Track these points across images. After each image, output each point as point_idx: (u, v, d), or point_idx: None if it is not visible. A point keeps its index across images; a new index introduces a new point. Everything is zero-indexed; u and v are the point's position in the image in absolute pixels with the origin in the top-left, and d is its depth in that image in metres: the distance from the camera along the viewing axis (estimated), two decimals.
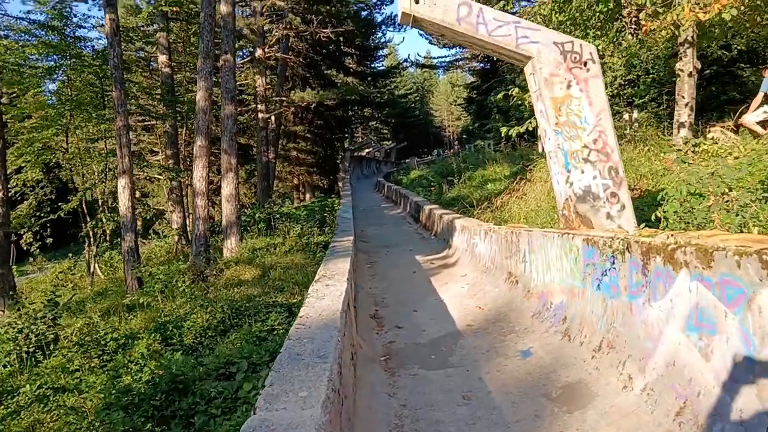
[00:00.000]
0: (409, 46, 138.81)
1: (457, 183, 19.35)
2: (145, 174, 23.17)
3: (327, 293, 4.89)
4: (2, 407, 7.18)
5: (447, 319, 6.37)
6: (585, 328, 4.55)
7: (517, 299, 6.25)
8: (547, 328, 5.17)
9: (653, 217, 5.78)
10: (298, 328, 3.93)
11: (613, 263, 4.18)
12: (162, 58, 21.66)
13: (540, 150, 20.68)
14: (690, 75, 10.03)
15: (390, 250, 11.67)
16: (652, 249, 3.61)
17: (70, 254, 26.60)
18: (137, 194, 41.77)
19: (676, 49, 20.90)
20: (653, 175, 10.40)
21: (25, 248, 19.81)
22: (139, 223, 31.18)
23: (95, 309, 13.89)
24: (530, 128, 10.94)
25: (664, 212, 7.64)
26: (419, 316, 6.66)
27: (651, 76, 16.97)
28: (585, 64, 5.46)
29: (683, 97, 10.18)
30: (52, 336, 9.91)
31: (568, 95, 5.45)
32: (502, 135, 10.87)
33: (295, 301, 10.28)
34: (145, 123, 32.40)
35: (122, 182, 15.16)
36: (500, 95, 15.42)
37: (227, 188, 16.59)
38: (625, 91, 20.71)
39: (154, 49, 22.70)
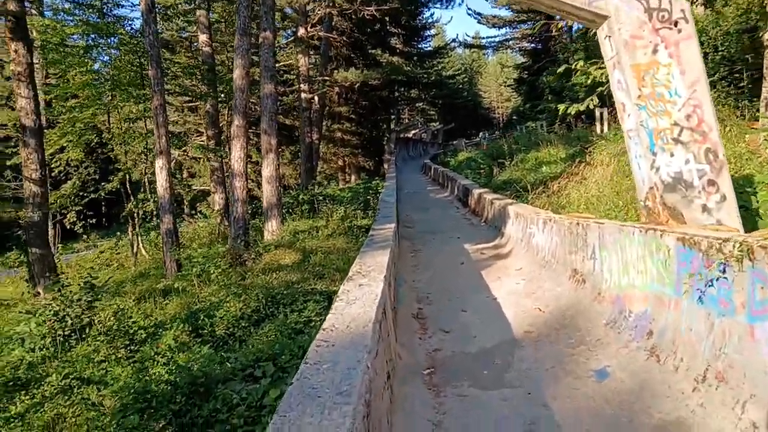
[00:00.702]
0: (457, 25, 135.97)
1: (509, 165, 18.28)
2: (191, 154, 22.88)
3: (359, 296, 4.13)
4: (28, 396, 6.78)
5: (501, 322, 5.52)
6: (680, 348, 3.64)
7: (585, 302, 5.34)
8: (627, 341, 4.27)
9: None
10: (319, 346, 3.17)
11: (725, 272, 3.25)
12: (203, 37, 21.20)
13: (599, 131, 19.39)
14: None
15: (436, 237, 10.82)
16: None
17: (119, 233, 26.80)
18: (185, 174, 42.15)
19: (751, 23, 19.19)
20: (737, 159, 9.22)
21: (68, 227, 19.84)
22: (186, 201, 31.28)
23: (134, 291, 13.60)
24: (591, 106, 9.91)
25: (757, 203, 6.55)
26: (468, 317, 5.83)
27: (721, 53, 15.46)
28: (676, 23, 4.47)
29: None
30: (87, 320, 9.52)
31: (654, 62, 4.47)
32: (560, 113, 9.88)
33: (335, 288, 9.63)
34: (191, 104, 32.35)
35: (159, 162, 14.75)
36: (557, 73, 14.30)
37: (267, 169, 16.03)
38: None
39: (195, 28, 22.25)
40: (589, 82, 9.40)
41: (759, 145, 8.85)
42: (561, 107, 9.73)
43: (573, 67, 8.68)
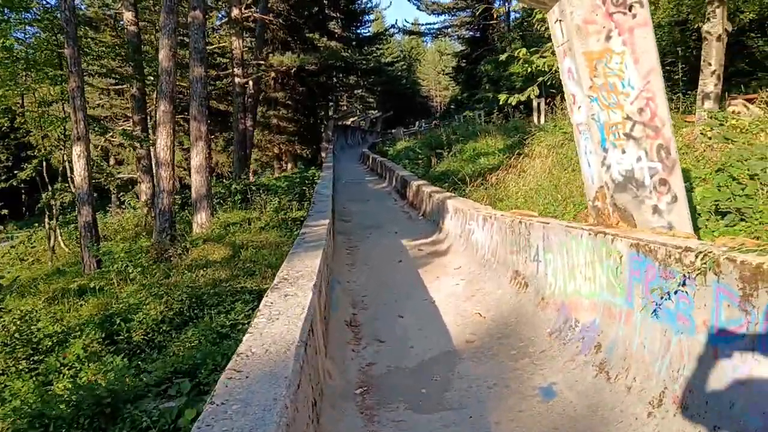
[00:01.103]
0: (396, 11, 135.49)
1: (447, 156, 18.04)
2: (118, 141, 21.49)
3: (283, 310, 3.63)
4: None
5: (440, 329, 5.14)
6: (633, 366, 3.33)
7: (528, 307, 5.02)
8: (573, 355, 3.95)
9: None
10: (230, 378, 2.66)
11: (684, 285, 2.94)
12: (128, 15, 19.88)
13: (537, 122, 19.42)
14: (719, 39, 8.73)
15: (373, 232, 10.38)
16: (765, 275, 2.38)
17: (36, 224, 25.03)
18: (112, 161, 40.07)
19: (682, 16, 19.52)
20: None
21: None
22: (113, 190, 29.58)
23: (47, 291, 12.58)
24: (532, 96, 9.66)
25: (695, 200, 6.39)
26: (406, 323, 5.42)
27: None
28: (630, 8, 4.14)
29: (710, 65, 8.90)
30: None
31: (607, 49, 4.14)
32: (500, 103, 9.57)
33: (266, 286, 9.08)
34: (117, 86, 30.58)
35: (77, 149, 13.67)
36: (498, 61, 13.97)
37: (197, 158, 15.20)
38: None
39: (120, 5, 20.87)
40: (529, 71, 9.14)
41: (695, 139, 8.84)
42: (501, 97, 9.41)
43: (515, 54, 8.35)
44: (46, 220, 18.57)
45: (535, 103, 19.89)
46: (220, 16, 31.84)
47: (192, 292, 8.67)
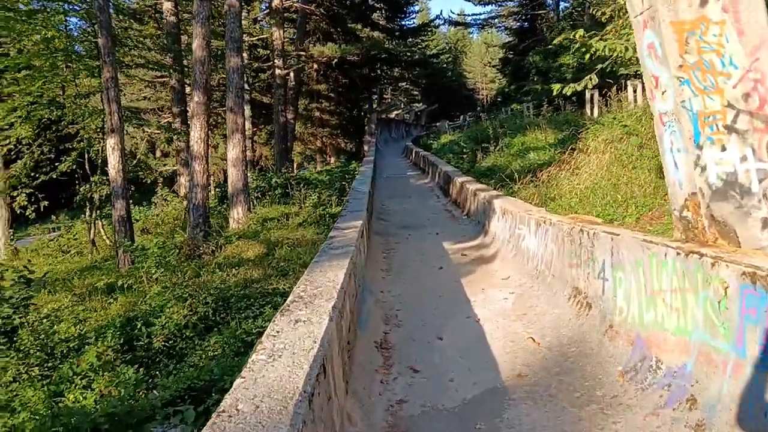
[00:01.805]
0: (441, 2, 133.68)
1: (494, 150, 17.09)
2: (152, 133, 21.30)
3: (289, 343, 2.91)
4: None
5: (486, 358, 4.35)
6: None
7: (592, 335, 4.18)
8: (657, 406, 3.11)
9: None
10: None
11: None
12: (167, 5, 19.59)
13: (590, 115, 18.24)
14: None
15: (413, 233, 9.61)
16: None
17: (82, 215, 25.19)
18: (158, 153, 40.41)
19: None
20: None
21: (18, 212, 18.32)
22: (159, 182, 29.59)
23: (81, 286, 12.32)
24: (589, 86, 8.73)
25: None
26: (446, 347, 4.65)
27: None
28: None
29: None
30: (19, 321, 8.24)
31: (702, 18, 3.25)
32: (554, 93, 8.70)
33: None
34: (163, 79, 30.63)
35: (111, 142, 13.33)
36: (552, 43, 13.01)
37: (233, 151, 14.73)
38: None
39: None
40: (585, 59, 8.20)
41: None
42: (555, 87, 8.54)
43: (571, 37, 7.41)
44: (87, 212, 18.48)
45: (588, 95, 18.70)
46: (263, 7, 31.56)
47: (219, 294, 8.12)
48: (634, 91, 15.63)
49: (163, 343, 7.09)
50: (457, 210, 11.53)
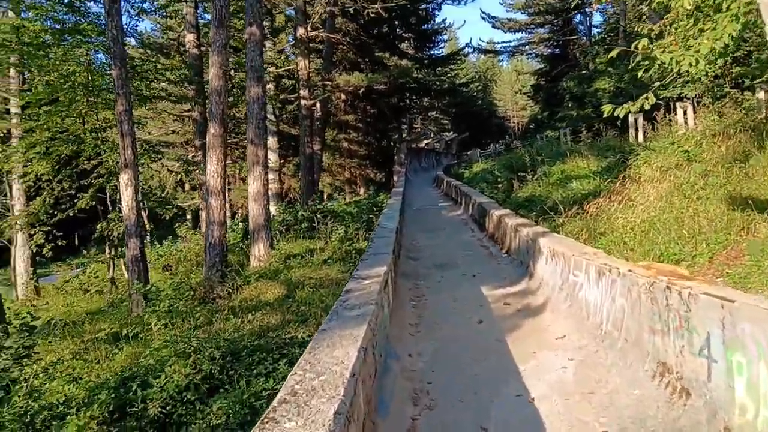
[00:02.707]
0: (470, 31, 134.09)
1: (531, 179, 15.96)
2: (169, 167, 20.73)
3: None
4: None
5: None
6: None
7: None
8: None
9: None
10: None
11: None
12: (189, 36, 19.20)
13: (635, 139, 16.97)
14: None
15: (446, 275, 8.52)
16: None
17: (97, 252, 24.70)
18: (186, 186, 40.22)
19: None
20: None
21: (34, 250, 17.80)
22: (188, 215, 29.17)
23: (91, 331, 11.52)
24: (647, 106, 7.61)
25: None
26: None
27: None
28: None
29: None
30: (17, 372, 7.43)
31: None
32: (605, 114, 7.59)
33: None
34: (190, 112, 30.47)
35: (125, 177, 12.65)
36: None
37: (254, 185, 13.93)
38: (732, 70, 16.81)
39: (182, 28, 20.26)
40: (649, 73, 7.10)
41: None
42: (605, 108, 7.43)
43: (635, 47, 6.33)
44: (106, 249, 17.88)
45: (631, 119, 17.50)
46: (290, 39, 31.30)
47: (229, 347, 7.14)
48: (685, 114, 14.41)
49: (159, 409, 6.10)
50: (494, 246, 10.41)
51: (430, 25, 37.65)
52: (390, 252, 6.95)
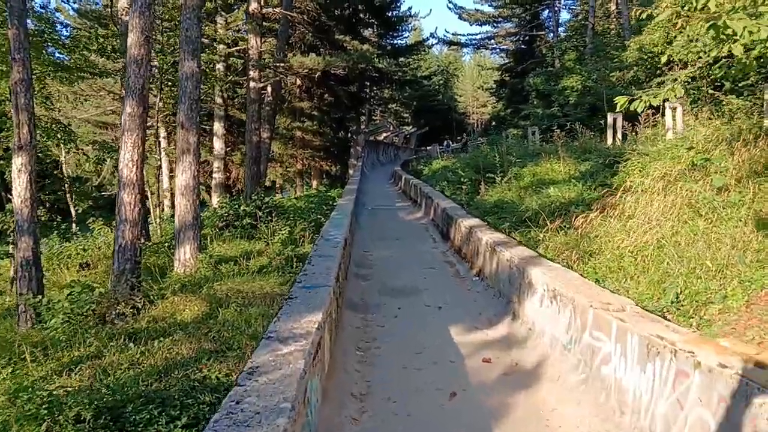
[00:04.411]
0: (436, 22, 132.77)
1: (500, 182, 14.27)
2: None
3: None
4: None
5: None
6: None
7: None
8: None
9: None
10: None
11: None
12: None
13: (612, 142, 15.37)
14: None
15: (404, 306, 6.65)
16: None
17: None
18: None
19: None
20: None
21: None
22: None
23: None
24: (673, 98, 5.95)
25: None
26: None
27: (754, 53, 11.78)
28: None
29: None
30: None
31: None
32: (619, 107, 5.93)
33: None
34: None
35: (18, 162, 10.40)
36: (553, 71, 10.39)
37: (183, 176, 11.81)
38: (712, 72, 15.51)
39: None
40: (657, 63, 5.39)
41: None
42: (619, 100, 5.77)
43: (690, 11, 4.59)
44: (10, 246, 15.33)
45: (610, 119, 16.00)
46: (245, 17, 28.88)
47: (110, 398, 5.13)
48: (674, 115, 12.92)
49: None
50: (462, 264, 8.60)
51: (394, 12, 35.66)
52: (332, 283, 5.03)
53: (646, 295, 6.17)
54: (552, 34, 43.09)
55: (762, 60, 4.58)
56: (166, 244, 14.46)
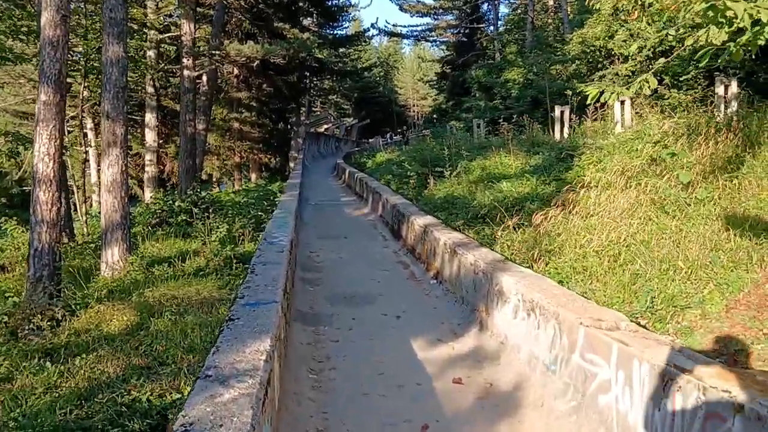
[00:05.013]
0: (377, 12, 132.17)
1: (449, 176, 13.83)
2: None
3: None
4: None
5: None
6: None
7: None
8: None
9: None
10: None
11: None
12: None
13: (560, 136, 15.17)
14: None
15: (359, 316, 6.03)
16: None
17: None
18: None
19: None
20: None
21: None
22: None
23: None
24: (647, 91, 5.57)
25: None
26: None
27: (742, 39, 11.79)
28: None
29: None
30: None
31: None
32: (589, 99, 5.54)
33: (177, 397, 4.85)
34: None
35: None
36: (495, 64, 10.05)
37: (110, 171, 10.81)
38: (654, 66, 15.62)
39: None
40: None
41: None
42: (590, 91, 5.37)
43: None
44: None
45: (557, 112, 15.84)
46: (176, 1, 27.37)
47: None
48: (622, 110, 12.80)
49: None
50: (417, 265, 8.06)
51: (334, 2, 34.82)
52: (279, 297, 4.36)
53: (616, 298, 5.80)
54: (492, 27, 43.27)
55: (749, 47, 4.19)
56: (92, 245, 13.31)
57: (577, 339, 3.52)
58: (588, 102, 5.53)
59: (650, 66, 15.72)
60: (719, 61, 4.45)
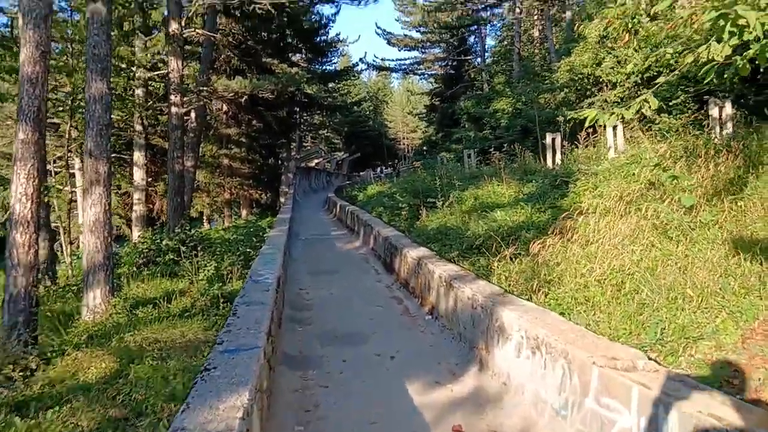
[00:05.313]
0: (365, 47, 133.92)
1: (441, 206, 13.54)
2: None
3: None
4: None
5: None
6: None
7: None
8: None
9: None
10: None
11: None
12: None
13: (552, 163, 14.97)
14: None
15: (350, 358, 5.64)
16: None
17: None
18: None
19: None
20: None
21: None
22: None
23: None
24: (648, 111, 5.34)
25: None
26: None
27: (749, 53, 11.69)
28: None
29: None
30: None
31: None
32: (588, 122, 5.31)
33: None
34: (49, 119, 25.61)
35: None
36: (484, 95, 9.89)
37: (92, 211, 10.41)
38: (641, 93, 15.57)
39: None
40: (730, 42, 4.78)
41: None
42: (588, 114, 5.14)
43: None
44: None
45: (548, 139, 15.68)
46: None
47: None
48: (615, 135, 12.63)
49: None
50: (411, 300, 7.71)
51: (323, 38, 35.03)
52: (262, 341, 4.00)
53: (622, 330, 5.46)
54: (479, 59, 43.71)
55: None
56: (75, 287, 12.87)
57: (590, 380, 3.17)
58: (587, 124, 5.27)
59: (638, 92, 15.66)
60: (725, 76, 4.21)
